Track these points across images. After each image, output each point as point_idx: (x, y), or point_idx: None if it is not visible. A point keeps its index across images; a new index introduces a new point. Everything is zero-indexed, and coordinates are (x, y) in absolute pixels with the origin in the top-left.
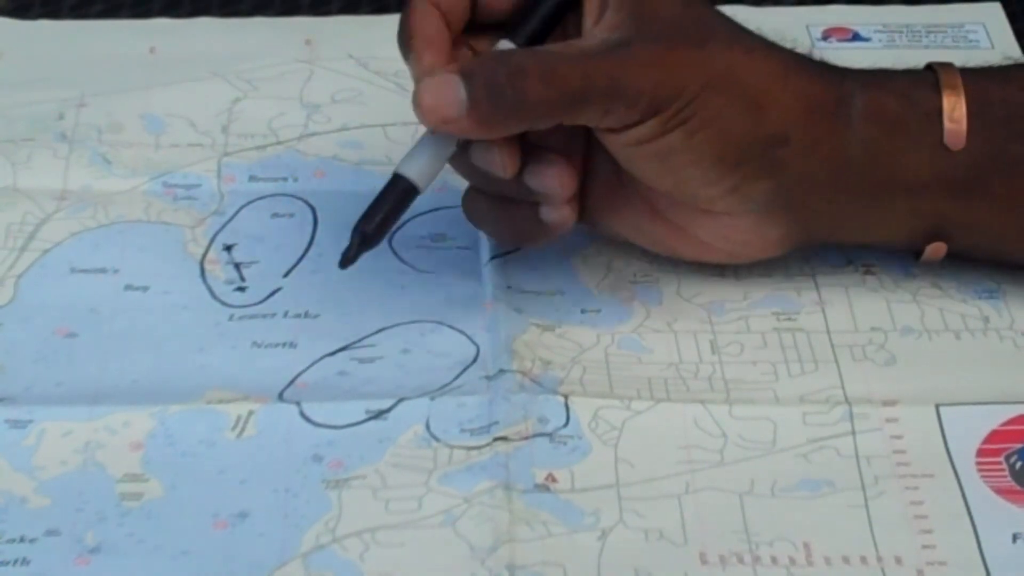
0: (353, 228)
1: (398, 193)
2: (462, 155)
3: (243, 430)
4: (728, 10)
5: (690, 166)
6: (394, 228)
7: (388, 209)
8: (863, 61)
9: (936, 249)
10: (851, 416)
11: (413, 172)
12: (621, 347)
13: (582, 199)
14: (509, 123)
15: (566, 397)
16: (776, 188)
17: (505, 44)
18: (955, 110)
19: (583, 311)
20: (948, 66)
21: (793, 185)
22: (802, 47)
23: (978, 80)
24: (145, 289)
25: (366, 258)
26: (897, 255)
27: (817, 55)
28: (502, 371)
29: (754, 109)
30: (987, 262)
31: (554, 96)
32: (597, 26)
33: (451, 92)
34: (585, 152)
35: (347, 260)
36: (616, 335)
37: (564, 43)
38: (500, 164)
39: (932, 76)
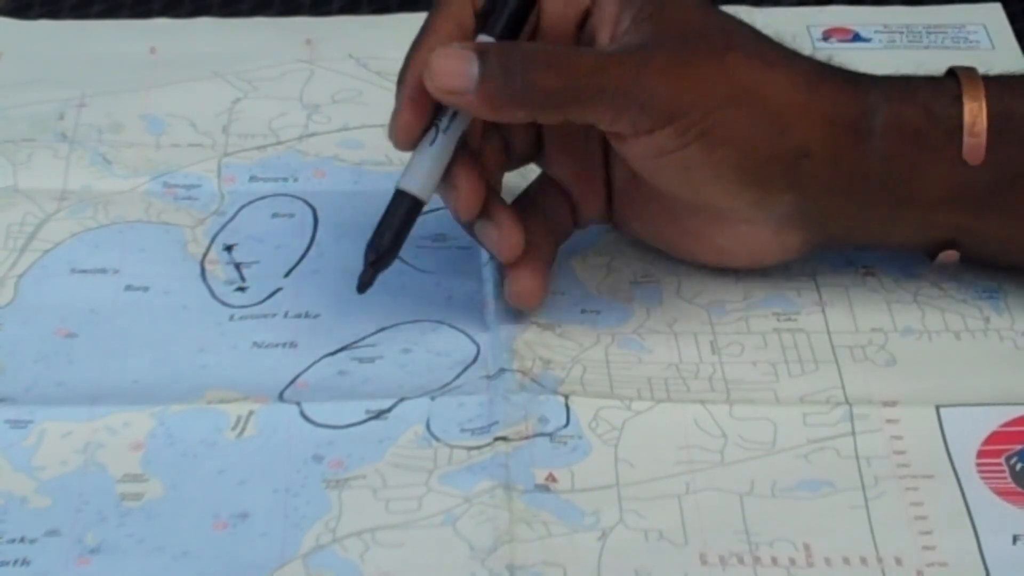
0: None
1: (404, 209)
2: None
3: (243, 430)
4: (728, 10)
5: (711, 181)
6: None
7: (397, 227)
8: (863, 61)
9: (949, 256)
10: (851, 417)
11: (415, 187)
12: (621, 347)
13: (604, 202)
14: (515, 108)
15: (566, 397)
16: (797, 199)
17: (483, 38)
18: (976, 124)
19: (583, 311)
20: (971, 74)
21: (814, 197)
22: (802, 47)
23: (1001, 92)
24: (145, 289)
25: None
26: (904, 257)
27: (820, 56)
28: (502, 370)
29: (776, 123)
30: (1001, 268)
31: (564, 86)
32: (614, 36)
33: (464, 65)
34: (604, 157)
35: (364, 284)
36: (616, 335)
37: (583, 46)
38: (454, 206)
39: (955, 86)
